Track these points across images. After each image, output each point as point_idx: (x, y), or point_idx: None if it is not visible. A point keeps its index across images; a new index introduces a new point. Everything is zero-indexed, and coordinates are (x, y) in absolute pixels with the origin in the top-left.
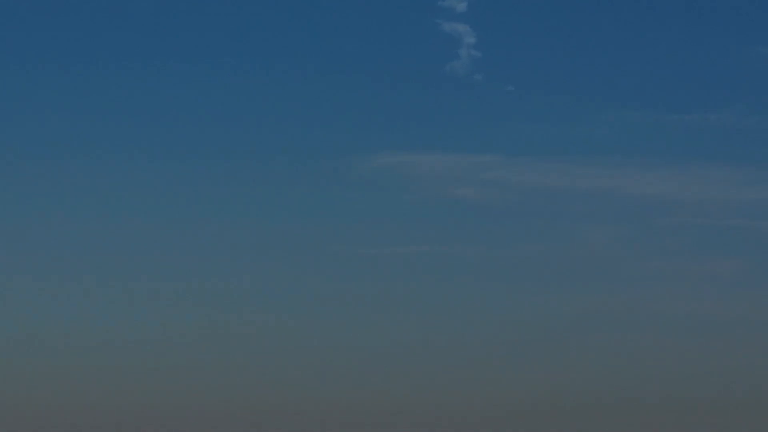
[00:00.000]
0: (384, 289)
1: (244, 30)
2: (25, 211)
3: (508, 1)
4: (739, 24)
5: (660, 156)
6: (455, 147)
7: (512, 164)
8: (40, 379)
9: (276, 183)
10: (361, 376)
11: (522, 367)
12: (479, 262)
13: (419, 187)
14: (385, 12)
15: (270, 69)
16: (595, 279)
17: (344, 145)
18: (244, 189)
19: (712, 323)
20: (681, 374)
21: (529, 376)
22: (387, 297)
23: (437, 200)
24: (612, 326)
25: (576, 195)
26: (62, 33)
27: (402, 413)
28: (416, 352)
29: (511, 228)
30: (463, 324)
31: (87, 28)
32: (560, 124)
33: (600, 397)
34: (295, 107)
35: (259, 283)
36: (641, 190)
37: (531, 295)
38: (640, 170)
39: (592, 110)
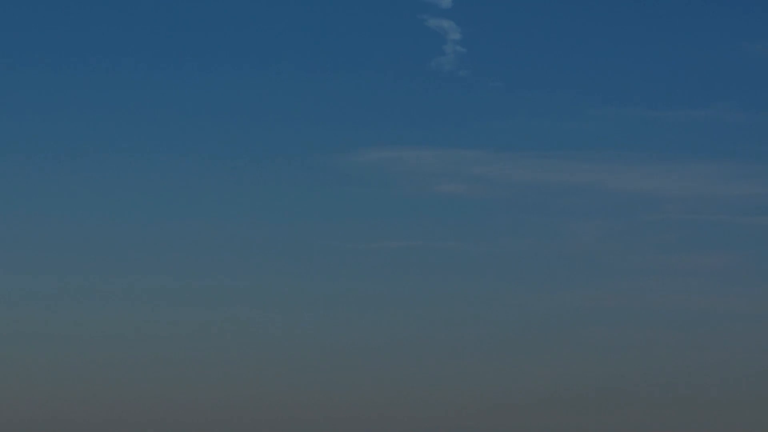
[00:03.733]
0: (371, 284)
1: (228, 28)
2: (25, 211)
3: None
4: (725, 21)
5: (647, 152)
6: (442, 142)
7: (498, 160)
8: (39, 379)
9: (262, 180)
10: (348, 372)
11: (510, 362)
12: (466, 257)
13: (406, 182)
14: (370, 8)
15: (255, 67)
16: (582, 274)
17: (331, 141)
18: (229, 187)
19: (698, 317)
20: (667, 368)
21: (517, 371)
22: (374, 292)
23: (424, 195)
24: (599, 320)
25: (563, 190)
26: (62, 33)
27: (388, 408)
28: (403, 347)
29: (498, 223)
30: (450, 319)
31: (87, 28)
32: (546, 119)
33: (587, 391)
34: (281, 104)
35: (246, 280)
36: (628, 185)
37: (518, 289)
38: (627, 166)
39: (579, 106)
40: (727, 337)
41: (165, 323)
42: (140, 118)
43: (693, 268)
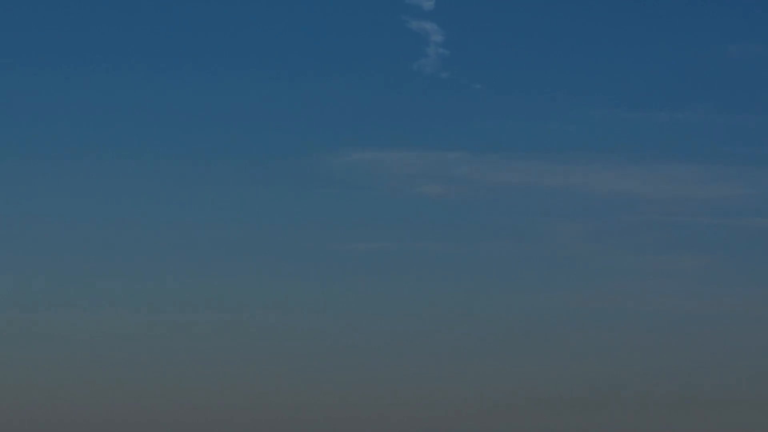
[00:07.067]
0: (351, 285)
1: (208, 30)
2: (25, 211)
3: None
4: (705, 23)
5: (627, 153)
6: (422, 144)
7: (479, 161)
8: (39, 379)
9: (242, 182)
10: (326, 373)
11: (490, 364)
12: (446, 260)
13: (386, 184)
14: (352, 10)
15: (236, 68)
16: (563, 276)
17: (311, 142)
18: (210, 189)
19: (677, 319)
20: (648, 370)
21: (496, 373)
22: (354, 293)
23: (404, 197)
24: (579, 323)
25: (543, 192)
26: (62, 33)
27: (385, 408)
28: (382, 348)
29: (479, 225)
30: (429, 321)
31: (87, 29)
32: (527, 121)
33: (569, 393)
34: (262, 106)
35: (226, 282)
36: (608, 187)
37: (498, 292)
38: (607, 167)
39: (560, 108)
40: (707, 338)
41: (161, 324)
42: (136, 119)
43: (672, 270)
